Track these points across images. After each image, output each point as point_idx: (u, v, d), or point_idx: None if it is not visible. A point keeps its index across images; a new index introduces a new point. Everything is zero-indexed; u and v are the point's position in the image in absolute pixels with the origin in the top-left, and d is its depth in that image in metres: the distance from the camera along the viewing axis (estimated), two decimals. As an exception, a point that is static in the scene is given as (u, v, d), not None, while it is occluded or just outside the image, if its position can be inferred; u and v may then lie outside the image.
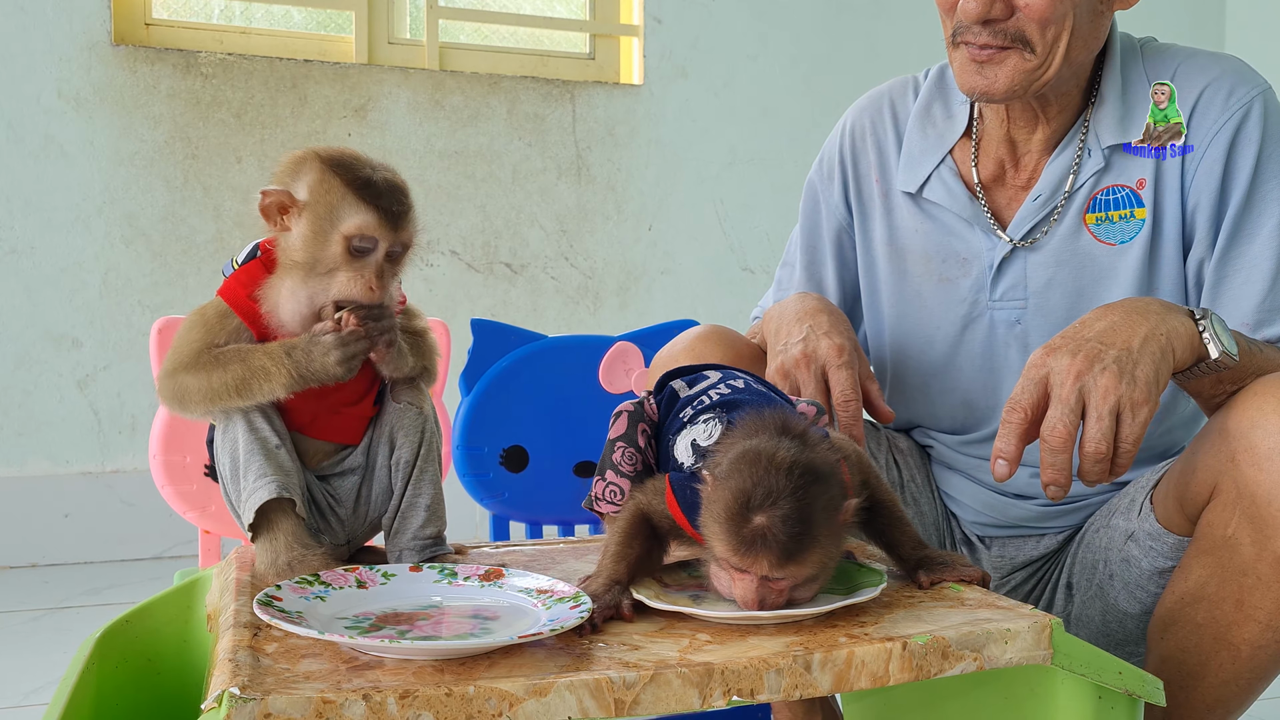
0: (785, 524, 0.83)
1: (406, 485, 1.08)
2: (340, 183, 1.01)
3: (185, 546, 2.73)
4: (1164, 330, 1.08)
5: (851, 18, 3.34)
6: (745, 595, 0.87)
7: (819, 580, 0.89)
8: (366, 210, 1.00)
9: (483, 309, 3.00)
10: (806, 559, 0.85)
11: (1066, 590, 1.37)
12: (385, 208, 1.01)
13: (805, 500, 0.83)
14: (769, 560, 0.84)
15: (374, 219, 1.01)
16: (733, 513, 0.84)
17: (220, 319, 1.03)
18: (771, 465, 0.84)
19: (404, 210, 1.03)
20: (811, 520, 0.84)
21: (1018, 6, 1.20)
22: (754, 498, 0.83)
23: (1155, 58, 1.31)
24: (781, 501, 0.83)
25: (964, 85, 1.27)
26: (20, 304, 2.66)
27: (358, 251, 1.01)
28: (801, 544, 0.84)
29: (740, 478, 0.84)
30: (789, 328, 1.27)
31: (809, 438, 0.89)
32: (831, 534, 0.87)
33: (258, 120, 2.80)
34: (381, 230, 1.01)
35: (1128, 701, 0.93)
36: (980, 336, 1.37)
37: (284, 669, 0.79)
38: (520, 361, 1.71)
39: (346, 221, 1.00)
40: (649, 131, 3.17)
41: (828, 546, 0.86)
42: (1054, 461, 1.04)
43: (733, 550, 0.85)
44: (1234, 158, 1.25)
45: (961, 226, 1.36)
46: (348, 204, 1.00)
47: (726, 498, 0.85)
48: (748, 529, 0.84)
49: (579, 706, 0.77)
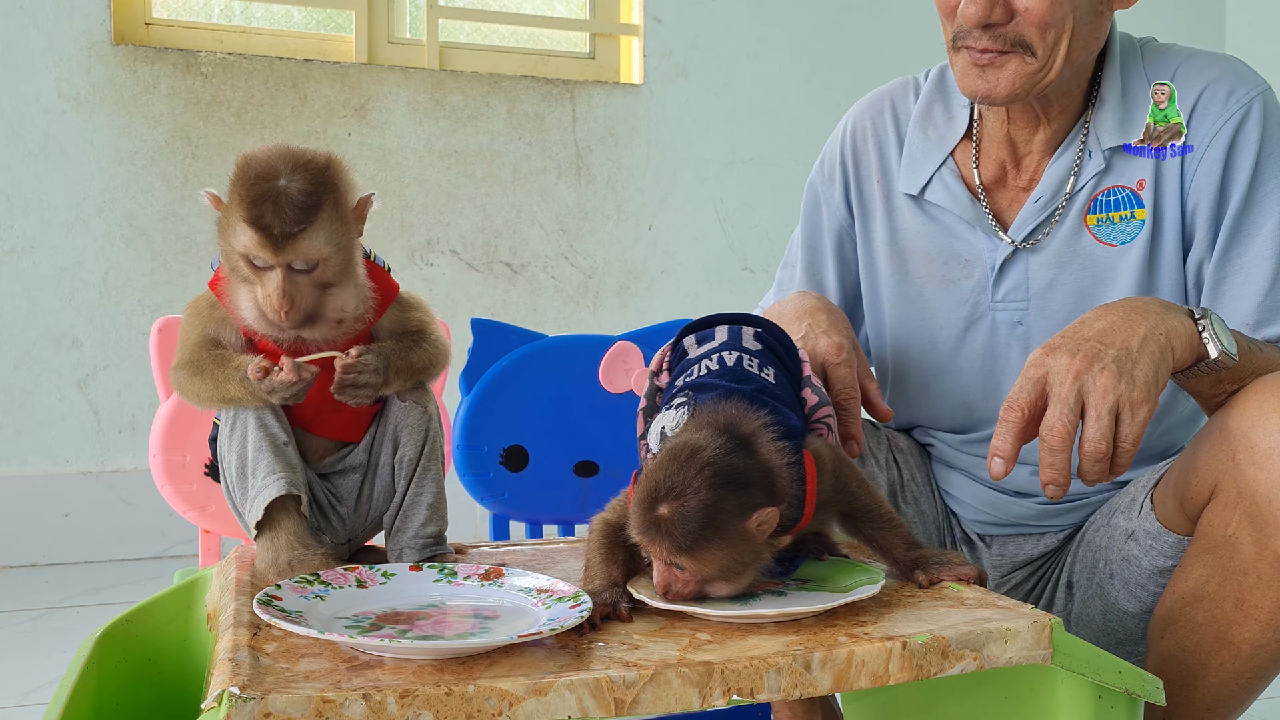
0: (681, 519, 0.87)
1: (409, 484, 1.08)
2: (237, 196, 0.98)
3: (185, 546, 2.73)
4: (1163, 330, 1.08)
5: (852, 17, 3.34)
6: (655, 576, 0.91)
7: (732, 581, 0.91)
8: (250, 230, 0.96)
9: (483, 308, 3.00)
10: (703, 555, 0.88)
11: (1067, 589, 1.37)
12: (267, 229, 0.96)
13: (708, 499, 0.87)
14: (664, 548, 0.88)
15: (256, 239, 0.96)
16: (642, 499, 0.89)
17: (210, 309, 1.05)
18: (689, 462, 0.88)
19: (295, 230, 0.96)
20: (711, 519, 0.87)
21: (1017, 11, 1.20)
22: (660, 489, 0.88)
23: (1155, 58, 1.31)
24: (685, 497, 0.87)
25: (965, 89, 1.27)
26: (20, 304, 2.66)
27: (257, 268, 0.98)
28: (697, 540, 0.87)
29: (659, 469, 0.89)
30: (788, 326, 1.27)
31: (755, 439, 0.91)
32: (737, 537, 0.89)
33: (258, 120, 2.80)
34: (264, 251, 0.96)
35: (1128, 701, 0.93)
36: (982, 337, 1.37)
37: (284, 668, 0.79)
38: (520, 361, 1.71)
39: (237, 238, 0.98)
40: (649, 131, 3.17)
41: (731, 548, 0.89)
42: (1053, 461, 1.04)
43: (638, 531, 0.90)
44: (1234, 158, 1.25)
45: (963, 228, 1.36)
46: (237, 221, 0.98)
47: (644, 485, 0.90)
48: (651, 516, 0.88)
49: (579, 706, 0.77)
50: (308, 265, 0.98)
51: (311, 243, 0.97)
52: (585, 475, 1.74)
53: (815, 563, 1.03)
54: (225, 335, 1.04)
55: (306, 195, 0.97)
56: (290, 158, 0.99)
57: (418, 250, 2.95)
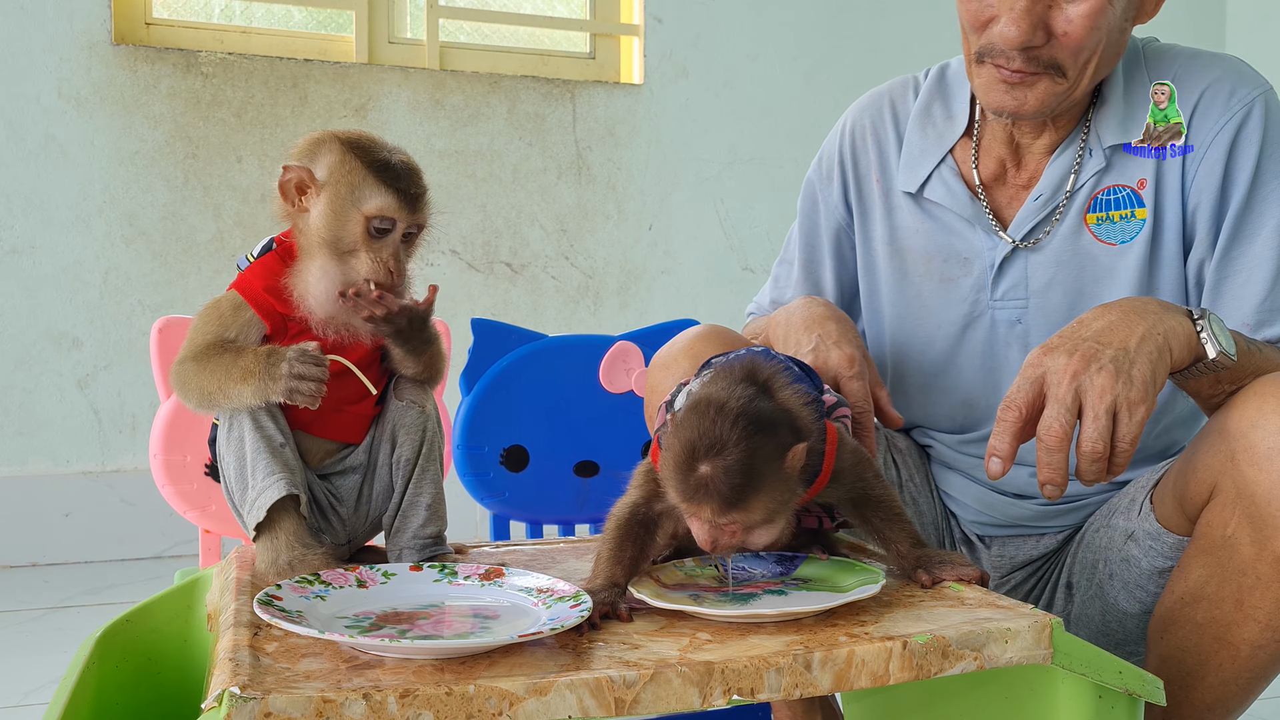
0: (727, 474, 0.87)
1: (407, 484, 1.08)
2: (360, 164, 1.02)
3: (185, 546, 2.73)
4: (1161, 330, 1.08)
5: (852, 17, 3.34)
6: (700, 536, 0.91)
7: (774, 524, 0.92)
8: (386, 192, 1.02)
9: (483, 308, 3.00)
10: (751, 505, 0.88)
11: (1066, 590, 1.37)
12: (403, 189, 1.03)
13: (748, 449, 0.87)
14: (713, 507, 0.88)
15: (393, 200, 1.02)
16: (680, 462, 0.88)
17: (234, 311, 1.03)
18: (720, 415, 0.88)
19: (421, 192, 1.05)
20: (754, 468, 0.87)
21: (1055, 35, 1.19)
22: (699, 448, 0.87)
23: (1157, 58, 1.31)
24: (726, 451, 0.87)
25: (991, 103, 1.26)
26: (20, 304, 2.66)
27: (378, 232, 1.03)
28: (744, 492, 0.87)
29: (689, 428, 0.89)
30: (797, 336, 1.27)
31: (772, 383, 0.93)
32: (778, 480, 0.90)
33: (258, 119, 2.80)
34: (400, 211, 1.03)
35: (1128, 701, 0.93)
36: (981, 336, 1.37)
37: (284, 668, 0.79)
38: (520, 361, 1.72)
39: (367, 203, 1.02)
40: (649, 131, 3.17)
41: (774, 492, 0.90)
42: (1050, 461, 1.04)
43: (682, 496, 0.89)
44: (1235, 158, 1.25)
45: (962, 226, 1.36)
46: (368, 185, 1.02)
47: (677, 447, 0.89)
48: (694, 478, 0.88)
49: (579, 705, 0.77)
50: (420, 228, 1.07)
51: (428, 209, 1.07)
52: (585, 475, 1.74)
53: (815, 562, 1.03)
54: (244, 340, 1.03)
55: (414, 162, 1.06)
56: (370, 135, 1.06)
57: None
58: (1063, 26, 1.19)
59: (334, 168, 1.02)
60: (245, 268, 1.05)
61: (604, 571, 0.96)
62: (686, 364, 1.23)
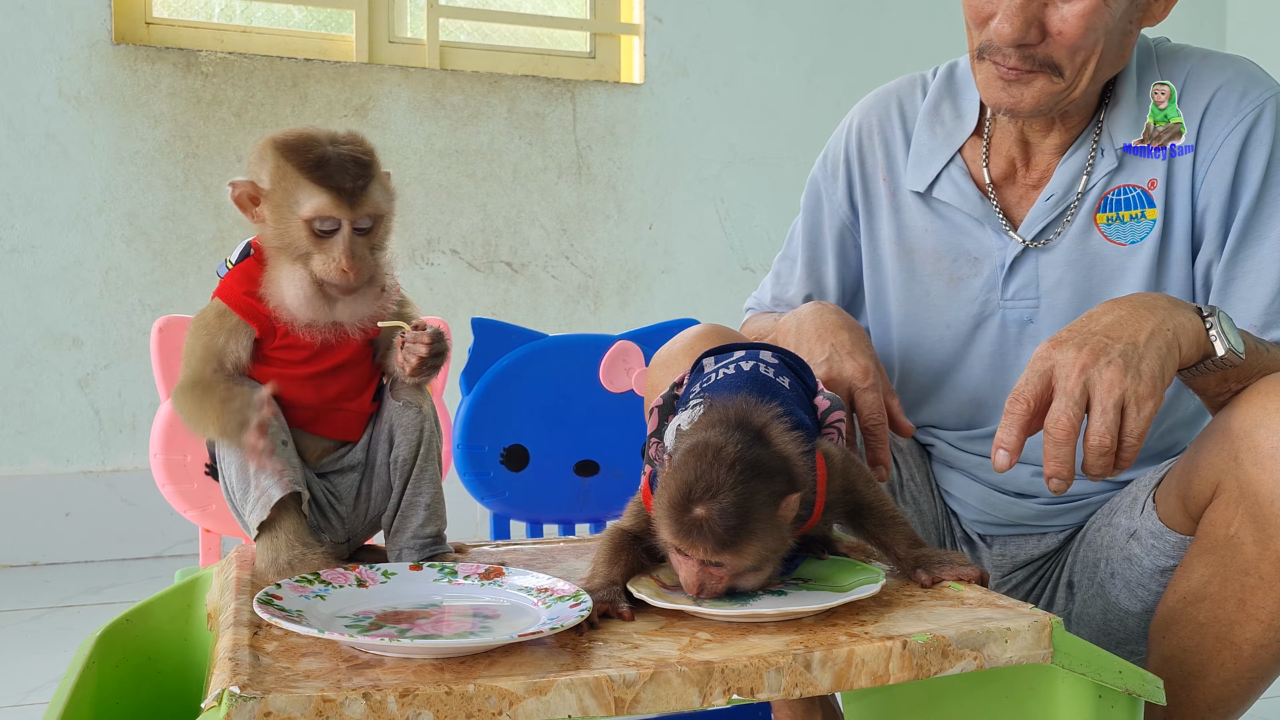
0: (722, 516, 0.87)
1: (406, 484, 1.08)
2: (292, 167, 1.00)
3: (185, 545, 2.73)
4: (1170, 325, 1.08)
5: (853, 16, 3.34)
6: (687, 579, 0.91)
7: (762, 570, 0.92)
8: (320, 192, 0.99)
9: (483, 308, 3.00)
10: (743, 550, 0.89)
11: (1067, 589, 1.37)
12: (338, 186, 0.99)
13: (743, 494, 0.88)
14: (705, 548, 0.88)
15: (328, 199, 0.99)
16: (675, 502, 0.89)
17: (219, 319, 1.03)
18: (716, 459, 0.89)
19: (360, 185, 1.01)
20: (748, 513, 0.88)
21: (1051, 33, 1.19)
22: (695, 490, 0.88)
23: (1169, 59, 1.31)
24: (721, 495, 0.87)
25: (989, 99, 1.26)
26: (20, 303, 2.66)
27: (322, 233, 1.00)
28: (737, 535, 0.88)
29: (686, 469, 0.89)
30: (810, 345, 1.26)
31: (769, 430, 0.93)
32: (771, 526, 0.90)
33: (258, 119, 2.80)
34: (339, 209, 1.00)
35: (1128, 701, 0.93)
36: (991, 335, 1.37)
37: (284, 668, 0.79)
38: (521, 361, 1.71)
39: (303, 206, 1.00)
40: (650, 130, 3.17)
41: (766, 539, 0.90)
42: (1057, 454, 1.04)
43: (674, 536, 0.89)
44: (1245, 160, 1.25)
45: (972, 226, 1.36)
46: (302, 188, 1.00)
47: (672, 488, 0.89)
48: (687, 518, 0.88)
49: (579, 705, 0.77)
50: (372, 221, 1.02)
51: (374, 198, 1.02)
52: (585, 475, 1.74)
53: (815, 562, 1.03)
54: (233, 347, 1.03)
55: (360, 153, 1.02)
56: (318, 131, 1.03)
57: (418, 250, 2.95)
58: (1057, 25, 1.19)
59: (273, 175, 1.01)
60: (225, 274, 1.05)
61: (601, 572, 0.96)
62: (686, 363, 1.23)
